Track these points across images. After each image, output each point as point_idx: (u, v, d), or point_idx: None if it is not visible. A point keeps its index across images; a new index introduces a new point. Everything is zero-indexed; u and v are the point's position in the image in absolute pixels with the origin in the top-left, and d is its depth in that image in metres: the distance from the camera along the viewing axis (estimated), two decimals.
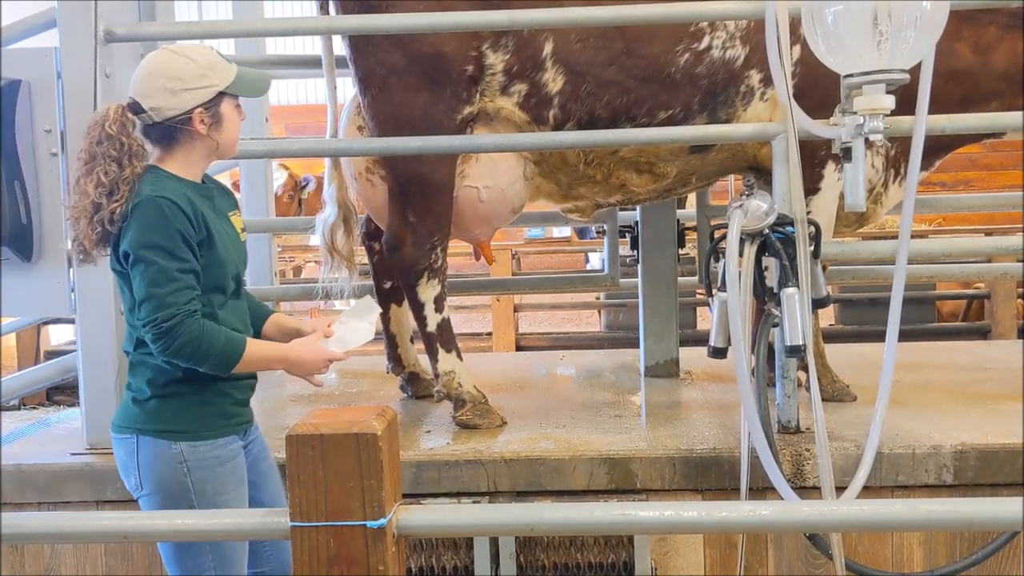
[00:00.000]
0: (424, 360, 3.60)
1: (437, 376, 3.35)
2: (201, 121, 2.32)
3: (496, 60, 3.21)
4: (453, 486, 2.93)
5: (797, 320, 2.74)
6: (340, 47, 3.36)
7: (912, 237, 2.82)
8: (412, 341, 3.83)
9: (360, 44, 3.23)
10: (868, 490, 2.79)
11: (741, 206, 2.80)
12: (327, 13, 3.37)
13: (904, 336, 2.90)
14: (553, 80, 3.23)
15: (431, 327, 3.33)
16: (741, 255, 2.81)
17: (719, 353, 2.88)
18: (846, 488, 2.72)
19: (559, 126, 3.29)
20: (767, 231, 2.81)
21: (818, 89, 3.05)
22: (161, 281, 2.20)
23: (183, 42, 2.80)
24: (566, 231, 11.24)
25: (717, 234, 2.90)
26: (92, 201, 2.26)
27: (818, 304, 2.96)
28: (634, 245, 4.19)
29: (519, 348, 7.81)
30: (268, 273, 4.71)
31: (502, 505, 2.83)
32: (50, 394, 6.84)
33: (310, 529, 1.63)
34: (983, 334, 7.49)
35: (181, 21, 4.73)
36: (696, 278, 5.07)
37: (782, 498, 2.65)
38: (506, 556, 2.87)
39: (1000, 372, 4.01)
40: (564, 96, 3.25)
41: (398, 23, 3.04)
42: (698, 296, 7.21)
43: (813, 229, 2.88)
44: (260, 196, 4.71)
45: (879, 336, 2.92)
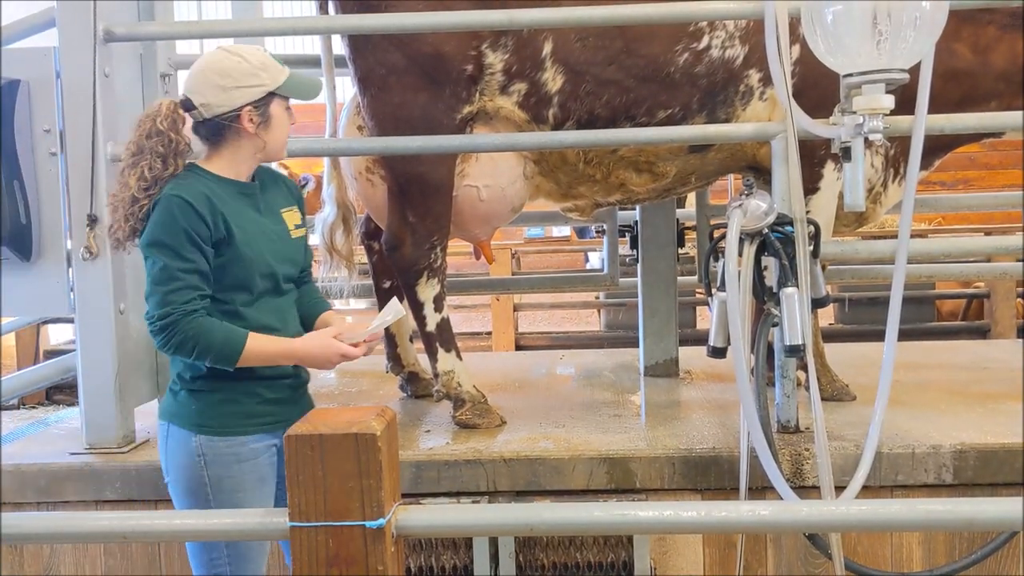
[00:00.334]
0: (423, 359, 3.60)
1: (436, 376, 3.35)
2: (250, 120, 2.35)
3: (495, 59, 3.21)
4: (452, 486, 2.93)
5: (796, 320, 2.74)
6: (339, 46, 3.36)
7: (911, 236, 2.82)
8: (411, 340, 3.83)
9: (359, 44, 3.23)
10: (867, 490, 2.79)
11: (740, 206, 2.79)
12: (326, 13, 3.37)
13: (904, 335, 2.90)
14: (553, 79, 3.23)
15: (430, 327, 3.33)
16: (740, 255, 2.81)
17: (718, 353, 2.88)
18: (845, 488, 2.71)
19: (559, 125, 3.29)
20: (766, 231, 2.81)
21: (817, 89, 3.05)
22: (163, 280, 2.24)
23: (237, 42, 2.78)
24: (566, 230, 11.24)
25: (716, 233, 2.90)
26: (131, 194, 2.31)
27: (817, 304, 2.96)
28: (634, 244, 4.19)
29: (519, 348, 7.81)
30: None
31: (501, 505, 2.84)
32: (49, 394, 6.84)
33: (309, 529, 1.63)
34: (983, 333, 7.49)
35: (180, 21, 4.73)
36: (695, 277, 5.07)
37: (781, 498, 2.64)
38: (505, 556, 2.87)
39: (1000, 372, 4.01)
40: (564, 95, 3.25)
41: (397, 23, 3.04)
42: (698, 296, 7.21)
43: (812, 229, 2.88)
44: None
45: (878, 335, 2.92)
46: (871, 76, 2.43)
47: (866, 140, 2.56)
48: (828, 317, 7.76)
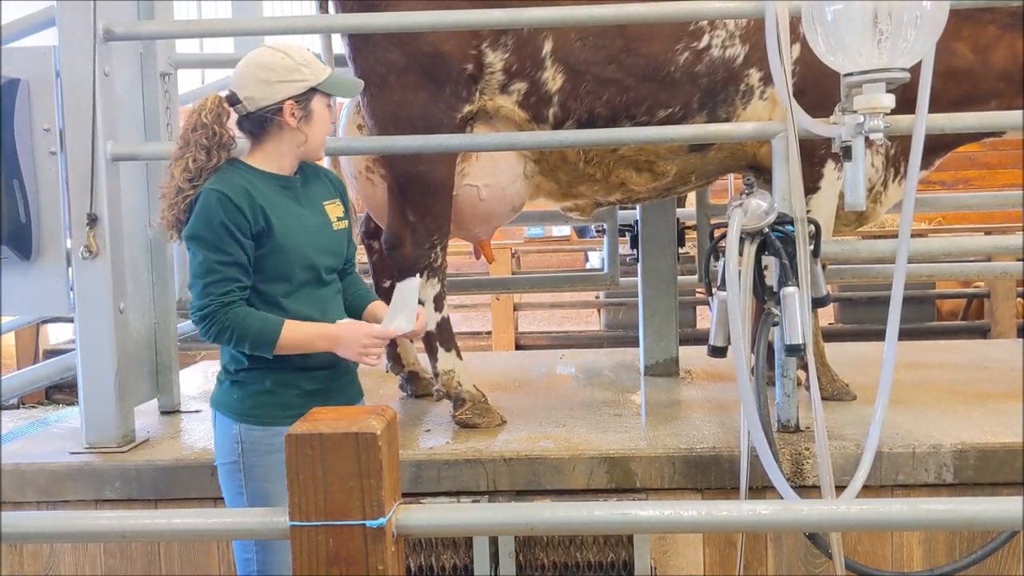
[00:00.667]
0: (423, 359, 3.60)
1: (436, 375, 3.35)
2: (292, 114, 2.39)
3: (495, 59, 3.21)
4: (453, 485, 2.93)
5: (797, 319, 2.74)
6: (339, 46, 3.36)
7: (912, 236, 2.81)
8: (411, 340, 3.83)
9: (359, 43, 3.23)
10: (868, 489, 2.79)
11: (741, 205, 2.79)
12: (326, 12, 3.37)
13: (904, 335, 2.89)
14: (553, 79, 3.23)
15: (431, 326, 3.33)
16: (741, 254, 2.80)
17: (719, 352, 2.88)
18: (846, 487, 2.71)
19: (559, 125, 3.29)
20: (767, 230, 2.81)
21: (818, 88, 3.05)
22: (201, 272, 2.32)
23: (282, 39, 2.82)
24: (566, 230, 11.23)
25: (717, 233, 2.90)
26: (176, 185, 2.39)
27: (818, 303, 2.96)
28: (634, 244, 4.19)
29: (519, 347, 7.82)
30: None
31: (502, 504, 2.83)
32: (49, 393, 6.85)
33: (309, 529, 1.63)
34: (983, 333, 7.50)
35: (180, 20, 4.72)
36: (696, 277, 5.08)
37: (782, 497, 2.64)
38: (505, 555, 2.87)
39: (1000, 371, 4.01)
40: (564, 94, 3.25)
41: (397, 22, 3.04)
42: (698, 295, 7.22)
43: (813, 228, 2.88)
44: None
45: (879, 335, 2.92)
46: (872, 75, 2.42)
47: (867, 139, 2.55)
48: (828, 317, 7.77)
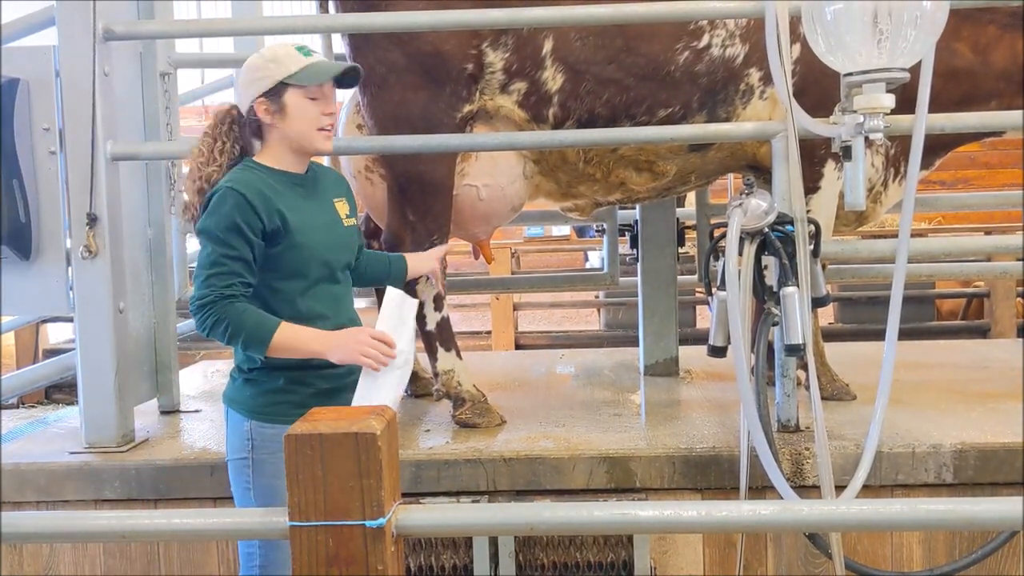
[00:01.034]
0: (423, 359, 3.60)
1: (436, 375, 3.35)
2: (265, 110, 2.42)
3: (496, 58, 3.21)
4: (452, 485, 2.93)
5: (796, 319, 2.73)
6: (339, 45, 3.36)
7: (912, 236, 2.81)
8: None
9: (359, 42, 3.23)
10: (868, 489, 2.79)
11: (741, 205, 2.79)
12: (326, 11, 3.37)
13: (904, 335, 2.89)
14: (553, 78, 3.23)
15: (430, 326, 3.33)
16: (741, 254, 2.80)
17: (718, 352, 2.88)
18: (846, 487, 2.71)
19: (559, 124, 3.28)
20: (767, 230, 2.81)
21: (818, 88, 3.05)
22: (207, 264, 2.34)
23: (281, 39, 2.81)
24: (565, 230, 11.23)
25: (717, 233, 2.90)
26: (194, 180, 2.46)
27: (818, 303, 2.96)
28: (633, 244, 4.19)
29: (518, 347, 7.82)
30: None
31: (501, 504, 2.83)
32: (49, 393, 6.84)
33: (309, 529, 1.63)
34: (982, 333, 7.50)
35: (180, 19, 4.72)
36: (696, 277, 5.08)
37: (782, 497, 2.64)
38: (505, 555, 2.87)
39: (1000, 371, 4.01)
40: (564, 94, 3.24)
41: (397, 21, 3.04)
42: (698, 295, 7.22)
43: (813, 228, 2.88)
44: None
45: (879, 335, 2.92)
46: (872, 75, 2.42)
47: (866, 139, 2.55)
48: (828, 316, 7.77)
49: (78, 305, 3.09)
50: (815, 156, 3.28)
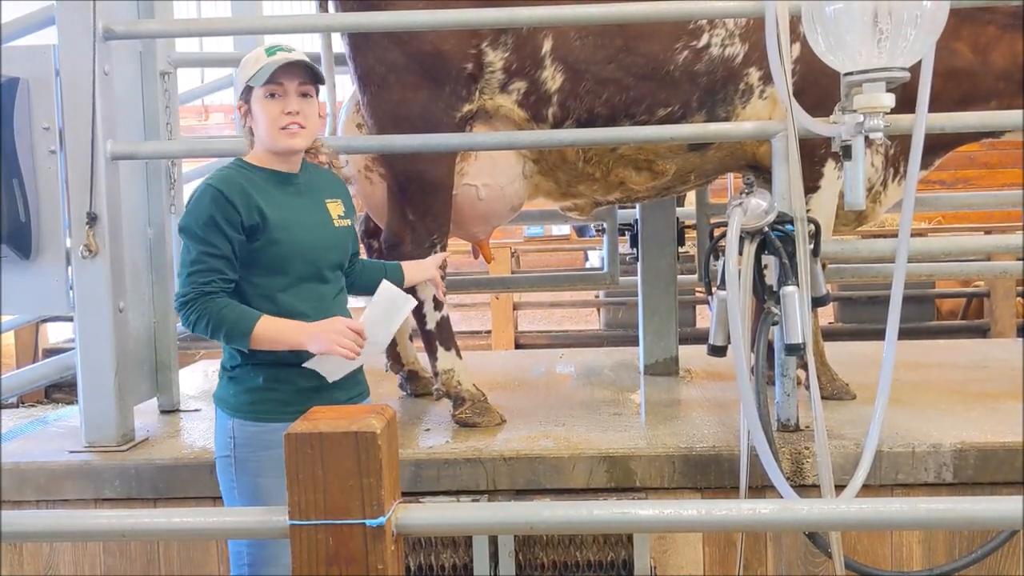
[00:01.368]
0: (423, 358, 3.60)
1: (436, 374, 3.34)
2: (243, 112, 2.48)
3: (495, 58, 3.21)
4: (452, 484, 2.93)
5: (796, 318, 2.74)
6: (339, 45, 3.36)
7: (912, 235, 2.81)
8: (411, 339, 3.83)
9: (359, 42, 3.23)
10: (868, 488, 2.79)
11: (740, 204, 2.79)
12: (326, 11, 3.37)
13: (903, 334, 2.89)
14: (552, 78, 3.23)
15: (430, 325, 3.33)
16: (741, 253, 2.80)
17: (718, 351, 2.88)
18: (846, 486, 2.71)
19: (558, 124, 3.28)
20: (767, 229, 2.81)
21: (818, 87, 3.05)
22: (187, 262, 2.37)
23: (280, 39, 2.83)
24: (565, 229, 11.24)
25: (717, 232, 2.90)
26: None
27: (818, 302, 2.96)
28: (633, 243, 4.19)
29: (518, 346, 7.82)
30: None
31: (501, 504, 2.83)
32: (48, 392, 6.85)
33: (309, 528, 1.63)
34: (982, 332, 7.50)
35: (180, 19, 4.72)
36: (696, 276, 5.08)
37: (781, 496, 2.64)
38: (505, 554, 2.87)
39: (999, 370, 4.02)
40: (563, 94, 3.24)
41: (397, 21, 3.04)
42: (698, 294, 7.22)
43: (813, 227, 2.88)
44: None
45: (878, 334, 2.92)
46: (872, 74, 2.42)
47: (866, 139, 2.55)
48: (828, 316, 7.77)
49: (78, 304, 3.09)
50: (815, 155, 3.28)
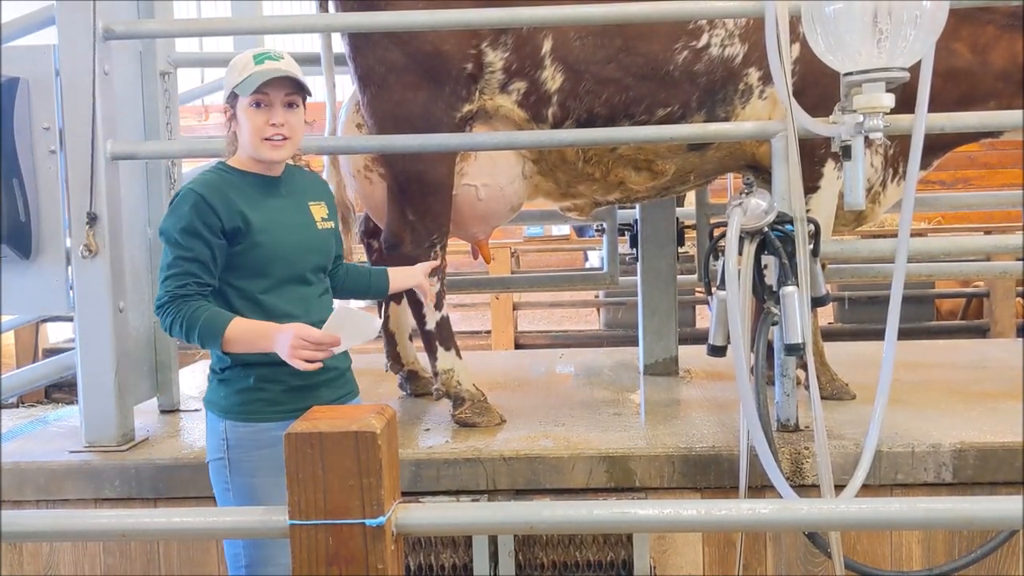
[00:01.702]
0: (423, 358, 3.60)
1: (436, 374, 3.35)
2: (227, 116, 2.47)
3: (495, 58, 3.21)
4: (452, 484, 2.93)
5: (796, 318, 2.74)
6: (339, 45, 3.36)
7: (911, 235, 2.81)
8: (411, 339, 3.83)
9: (359, 42, 3.23)
10: (867, 488, 2.79)
11: (740, 204, 2.79)
12: (326, 11, 3.37)
13: (903, 334, 2.89)
14: (552, 78, 3.23)
15: (430, 325, 3.33)
16: (740, 253, 2.81)
17: (718, 351, 2.88)
18: (845, 486, 2.71)
19: (558, 124, 3.29)
20: (766, 229, 2.81)
21: (817, 87, 3.05)
22: (164, 266, 2.37)
23: (280, 39, 2.83)
24: (565, 229, 11.24)
25: (716, 232, 2.90)
26: None
27: (817, 302, 2.96)
28: (633, 243, 4.19)
29: (518, 346, 7.83)
30: None
31: (501, 503, 2.83)
32: (48, 392, 6.86)
33: (309, 527, 1.63)
34: (982, 332, 7.51)
35: (180, 19, 4.72)
36: (695, 276, 5.08)
37: (781, 496, 2.65)
38: (505, 554, 2.87)
39: (999, 370, 4.02)
40: (563, 94, 3.25)
41: (397, 21, 3.04)
42: (697, 294, 7.22)
43: (812, 227, 2.88)
44: None
45: (878, 334, 2.92)
46: (871, 75, 2.42)
47: (866, 139, 2.55)
48: (828, 316, 7.77)
49: (78, 304, 3.09)
50: (815, 156, 3.28)
